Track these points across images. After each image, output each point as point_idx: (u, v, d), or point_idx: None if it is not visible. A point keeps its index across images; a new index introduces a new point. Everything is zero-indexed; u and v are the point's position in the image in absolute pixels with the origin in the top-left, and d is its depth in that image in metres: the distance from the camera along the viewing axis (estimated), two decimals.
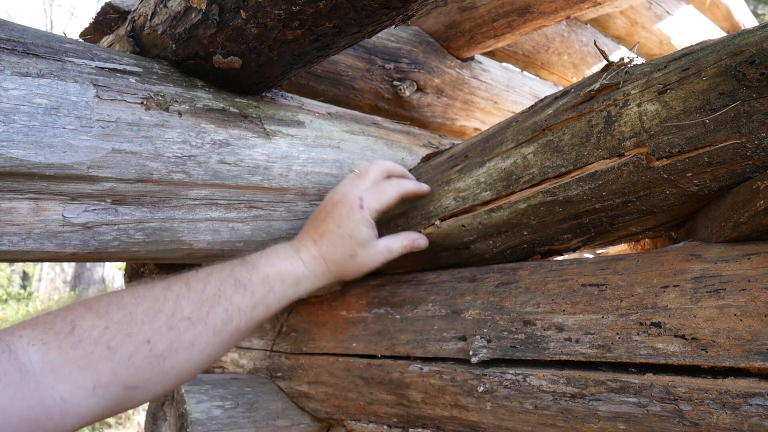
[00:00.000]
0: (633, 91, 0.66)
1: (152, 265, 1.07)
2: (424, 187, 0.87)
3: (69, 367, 0.57)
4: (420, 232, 0.88)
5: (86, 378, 0.58)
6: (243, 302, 0.71)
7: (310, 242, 0.81)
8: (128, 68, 0.77)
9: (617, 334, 0.63)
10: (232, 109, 0.85)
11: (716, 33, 1.99)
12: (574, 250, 0.82)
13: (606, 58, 0.72)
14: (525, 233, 0.81)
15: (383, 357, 0.89)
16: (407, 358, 0.86)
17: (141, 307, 0.63)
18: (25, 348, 0.55)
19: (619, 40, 1.80)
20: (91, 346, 0.58)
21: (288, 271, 0.77)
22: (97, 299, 0.63)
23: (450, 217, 0.86)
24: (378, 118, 1.13)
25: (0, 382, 0.52)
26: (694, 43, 0.66)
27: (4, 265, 4.69)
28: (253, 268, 0.74)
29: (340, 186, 0.85)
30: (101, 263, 7.22)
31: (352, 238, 0.80)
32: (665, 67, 0.65)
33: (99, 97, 0.72)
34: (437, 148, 1.15)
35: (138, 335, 0.61)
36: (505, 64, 1.61)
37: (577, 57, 1.66)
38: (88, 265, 7.77)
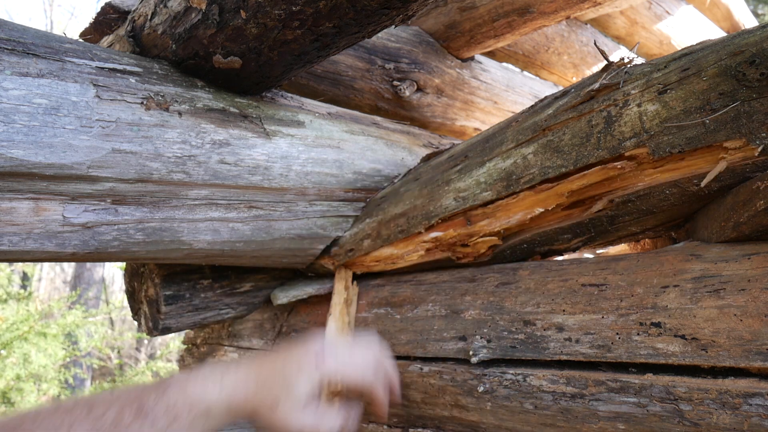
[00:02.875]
0: (633, 91, 0.66)
1: (152, 265, 1.07)
2: (384, 408, 0.76)
3: None
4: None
5: None
6: None
7: (245, 367, 0.72)
8: (128, 68, 0.77)
9: (617, 334, 0.63)
10: (232, 109, 0.85)
11: (716, 33, 1.99)
12: (574, 250, 0.82)
13: (606, 58, 0.72)
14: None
15: None
16: (407, 358, 0.86)
17: None
18: None
19: (619, 40, 1.80)
20: None
21: (198, 398, 0.67)
22: (6, 420, 0.61)
23: (450, 218, 0.86)
24: (378, 118, 1.13)
25: None
26: (694, 43, 0.66)
27: (4, 265, 4.68)
28: (163, 393, 0.66)
29: (329, 331, 0.74)
30: (101, 263, 7.22)
31: (284, 389, 0.70)
32: (665, 67, 0.65)
33: (99, 97, 0.72)
34: (437, 148, 1.15)
35: None
36: (505, 64, 1.61)
37: (577, 57, 1.66)
38: (88, 265, 7.77)
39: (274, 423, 0.70)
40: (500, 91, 1.54)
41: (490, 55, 1.55)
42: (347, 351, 0.74)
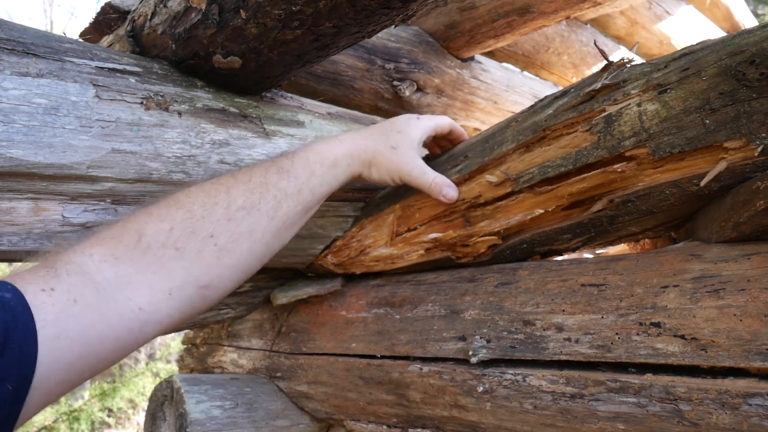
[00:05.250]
0: (633, 91, 0.66)
1: None
2: (465, 134, 0.93)
3: (143, 275, 0.58)
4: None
5: (161, 282, 0.59)
6: (289, 187, 0.72)
7: (352, 132, 0.84)
8: (128, 68, 0.77)
9: (617, 334, 0.63)
10: (231, 109, 0.85)
11: (716, 33, 1.99)
12: (574, 250, 0.82)
13: (606, 58, 0.72)
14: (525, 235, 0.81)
15: (383, 357, 0.89)
16: (407, 358, 0.86)
17: (198, 204, 0.64)
18: (98, 266, 0.56)
19: (619, 40, 1.80)
20: (160, 251, 0.59)
21: (326, 151, 0.77)
22: (156, 205, 0.64)
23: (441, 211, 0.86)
24: (378, 118, 1.13)
25: (77, 305, 0.52)
26: (694, 43, 0.66)
27: (3, 265, 4.68)
28: (294, 155, 0.75)
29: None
30: None
31: (400, 133, 0.82)
32: (665, 67, 0.65)
33: (99, 97, 0.72)
34: None
35: (201, 231, 0.62)
36: (505, 64, 1.61)
37: (577, 57, 1.66)
38: None
39: (395, 160, 0.81)
40: (500, 91, 1.54)
41: (490, 55, 1.55)
42: (425, 115, 0.89)
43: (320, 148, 0.78)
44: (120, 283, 0.56)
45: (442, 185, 0.82)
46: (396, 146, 0.81)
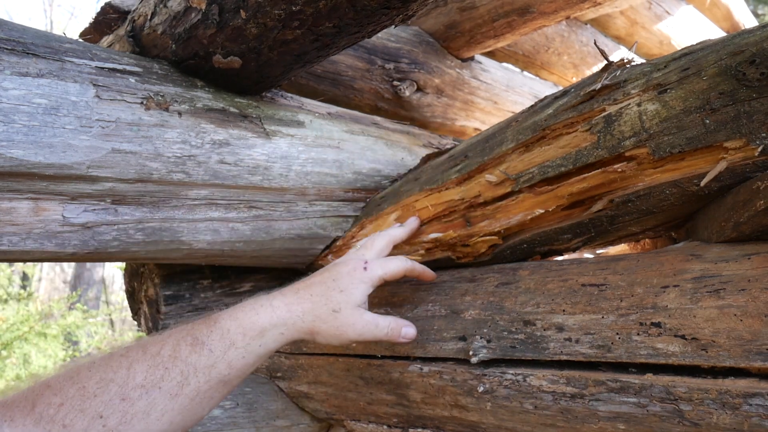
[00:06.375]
0: (633, 91, 0.66)
1: (152, 265, 1.07)
2: (429, 274, 0.84)
3: None
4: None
5: None
6: (199, 362, 0.66)
7: (290, 291, 0.76)
8: (128, 68, 0.77)
9: (617, 334, 0.63)
10: (232, 109, 0.85)
11: (716, 33, 1.99)
12: (574, 250, 0.82)
13: (606, 58, 0.72)
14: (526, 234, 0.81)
15: (383, 357, 0.89)
16: (407, 358, 0.86)
17: (94, 379, 0.62)
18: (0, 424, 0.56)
19: (619, 40, 1.80)
20: (48, 425, 0.58)
21: (251, 321, 0.70)
22: (56, 375, 0.63)
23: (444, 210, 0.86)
24: (378, 118, 1.13)
25: None
26: (694, 43, 0.66)
27: (4, 265, 4.69)
28: (214, 324, 0.69)
29: (345, 255, 0.82)
30: (101, 263, 7.22)
31: (343, 293, 0.75)
32: (665, 66, 0.65)
33: (99, 97, 0.72)
34: (437, 148, 1.15)
35: (90, 410, 0.60)
36: (505, 64, 1.61)
37: (577, 57, 1.66)
38: (88, 265, 7.77)
39: (340, 325, 0.74)
40: (500, 91, 1.54)
41: (490, 55, 1.55)
42: (375, 252, 0.82)
43: (245, 316, 0.70)
44: None
45: (399, 328, 0.77)
46: (338, 309, 0.74)
